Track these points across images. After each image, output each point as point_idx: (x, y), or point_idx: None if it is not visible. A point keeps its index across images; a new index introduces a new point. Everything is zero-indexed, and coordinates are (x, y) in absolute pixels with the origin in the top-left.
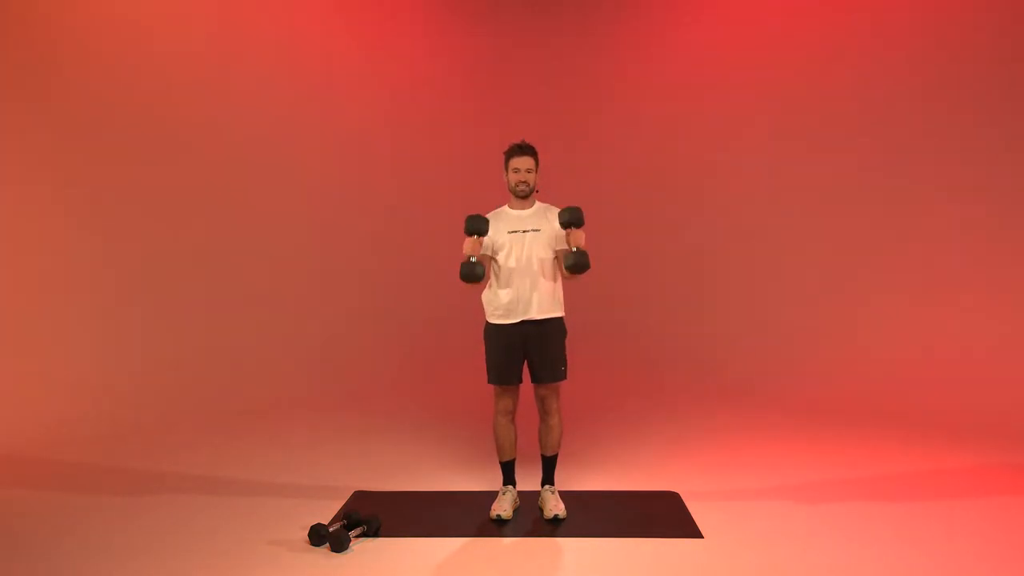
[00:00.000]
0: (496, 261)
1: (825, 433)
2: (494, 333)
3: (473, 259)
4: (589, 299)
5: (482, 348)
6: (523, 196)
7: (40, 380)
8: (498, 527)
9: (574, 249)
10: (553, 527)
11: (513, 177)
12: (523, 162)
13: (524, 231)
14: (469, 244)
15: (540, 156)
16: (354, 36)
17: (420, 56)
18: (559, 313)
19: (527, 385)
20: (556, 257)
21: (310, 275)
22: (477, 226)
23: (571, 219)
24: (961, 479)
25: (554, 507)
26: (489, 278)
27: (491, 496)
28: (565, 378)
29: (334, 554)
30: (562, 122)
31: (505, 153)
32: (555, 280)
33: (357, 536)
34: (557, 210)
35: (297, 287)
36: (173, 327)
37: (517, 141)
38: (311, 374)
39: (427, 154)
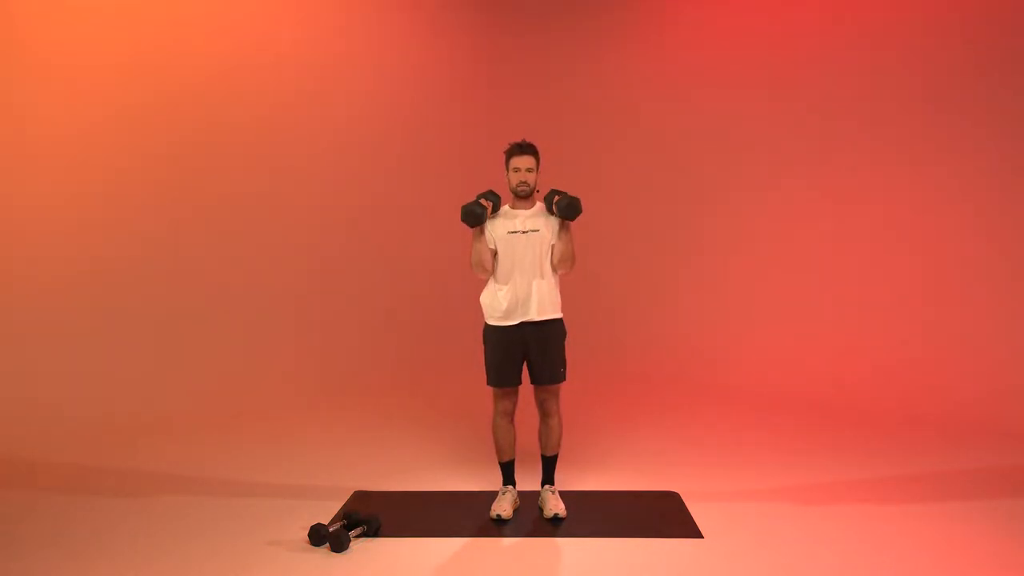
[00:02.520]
0: (495, 261)
1: (826, 433)
2: (493, 334)
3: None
4: (589, 299)
5: (482, 347)
6: (524, 196)
7: (39, 380)
8: (498, 527)
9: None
10: (553, 527)
11: (514, 177)
12: (523, 161)
13: (524, 231)
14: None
15: (542, 155)
16: (357, 35)
17: (421, 56)
18: (558, 314)
19: (527, 386)
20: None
21: (310, 275)
22: (486, 196)
23: (567, 212)
24: (963, 480)
25: (554, 507)
26: (489, 279)
27: (491, 496)
28: (565, 379)
29: (334, 554)
30: (563, 121)
31: (506, 152)
32: (554, 281)
33: (357, 536)
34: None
35: (297, 287)
36: (173, 326)
37: (518, 140)
38: (311, 374)
39: (427, 154)
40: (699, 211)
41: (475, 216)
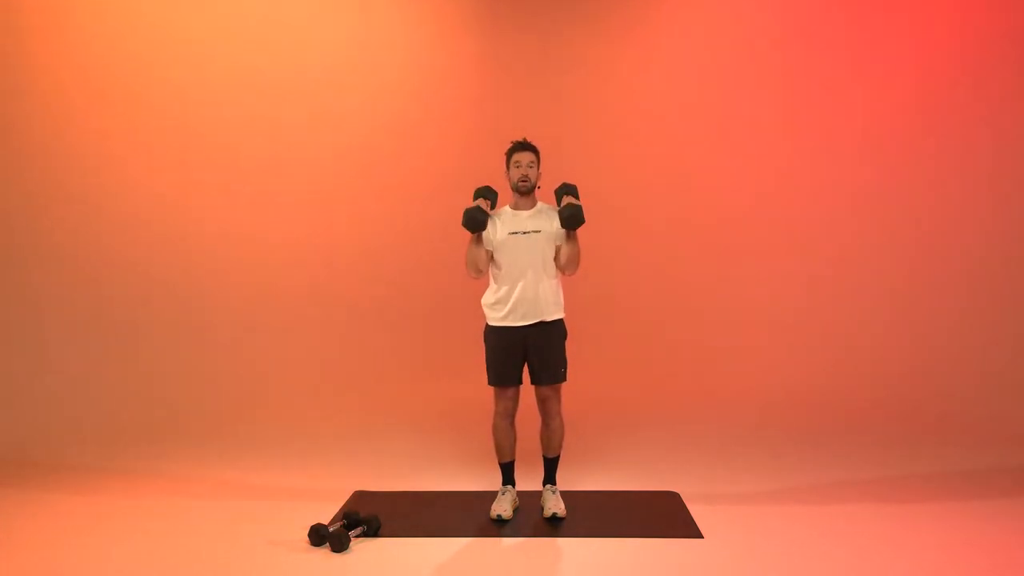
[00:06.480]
0: (496, 262)
1: (825, 433)
2: (494, 335)
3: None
4: (589, 300)
5: (483, 347)
6: (525, 192)
7: (40, 379)
8: (498, 527)
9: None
10: (553, 527)
11: (515, 172)
12: (524, 156)
13: (525, 232)
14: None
15: (544, 155)
16: (356, 34)
17: (422, 55)
18: (559, 315)
19: (528, 386)
20: (556, 256)
21: (309, 274)
22: (484, 194)
23: (569, 222)
24: (962, 480)
25: (553, 506)
26: (489, 280)
27: (491, 496)
28: (565, 379)
29: (334, 554)
30: (563, 122)
31: (507, 152)
32: (556, 282)
33: (357, 536)
34: (557, 211)
35: (296, 286)
36: (174, 327)
37: (518, 139)
38: (311, 374)
39: (426, 153)
40: (699, 212)
41: (477, 222)
